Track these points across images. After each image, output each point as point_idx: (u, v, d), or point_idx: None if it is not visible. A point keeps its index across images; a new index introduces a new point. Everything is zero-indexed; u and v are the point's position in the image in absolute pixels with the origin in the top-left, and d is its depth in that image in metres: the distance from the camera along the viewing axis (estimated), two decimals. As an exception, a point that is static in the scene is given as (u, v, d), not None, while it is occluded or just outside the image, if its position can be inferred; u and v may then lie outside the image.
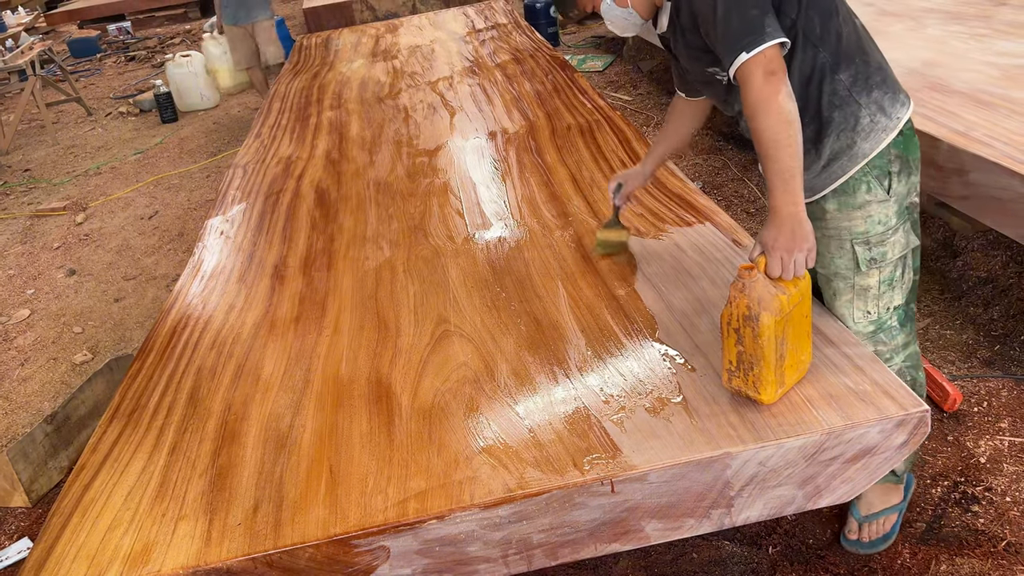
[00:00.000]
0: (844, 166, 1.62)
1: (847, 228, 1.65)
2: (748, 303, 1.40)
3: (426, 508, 1.37)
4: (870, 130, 1.60)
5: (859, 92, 1.60)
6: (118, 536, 1.44)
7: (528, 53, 4.46)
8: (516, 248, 2.22)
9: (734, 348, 1.44)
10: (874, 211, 1.63)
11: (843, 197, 1.63)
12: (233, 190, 3.10)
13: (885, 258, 1.65)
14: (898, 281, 1.69)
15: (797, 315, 1.46)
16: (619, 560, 1.97)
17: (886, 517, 1.90)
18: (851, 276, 1.67)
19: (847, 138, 1.60)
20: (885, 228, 1.63)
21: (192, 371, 1.91)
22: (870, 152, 1.60)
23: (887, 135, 1.60)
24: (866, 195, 1.62)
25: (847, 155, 1.61)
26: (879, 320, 1.71)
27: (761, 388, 1.43)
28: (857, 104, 1.60)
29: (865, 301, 1.69)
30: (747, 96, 1.47)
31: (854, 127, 1.60)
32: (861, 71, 1.61)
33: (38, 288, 4.18)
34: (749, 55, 1.45)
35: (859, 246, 1.65)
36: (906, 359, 1.76)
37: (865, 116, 1.60)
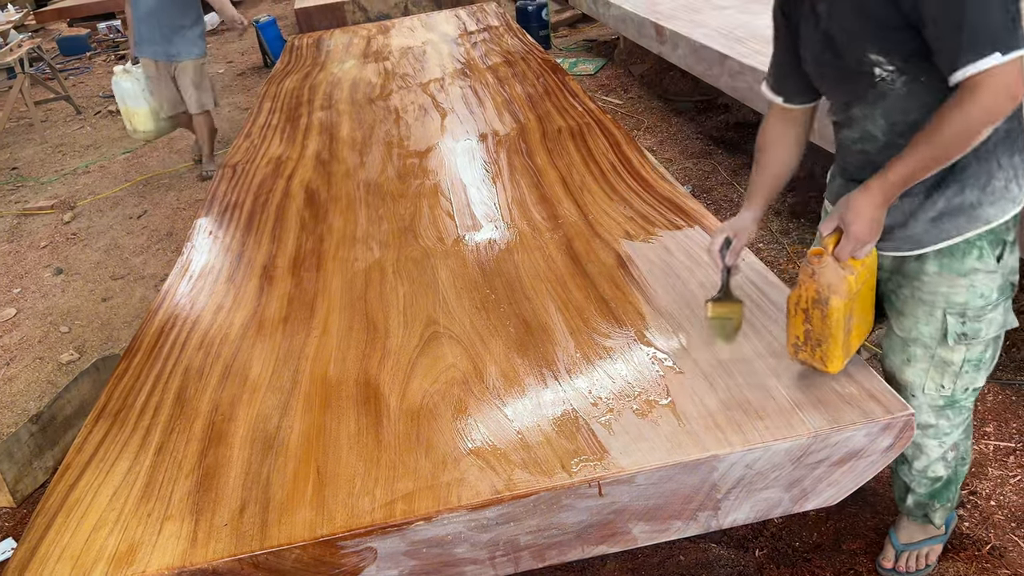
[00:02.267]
0: (959, 226, 1.43)
1: (944, 295, 1.48)
2: (818, 288, 1.42)
3: (413, 509, 1.37)
4: (1000, 195, 1.41)
5: (1004, 150, 1.40)
6: (103, 536, 1.43)
7: (520, 56, 4.47)
8: (506, 250, 2.22)
9: (802, 327, 1.47)
10: (979, 281, 1.46)
11: (948, 260, 1.46)
12: (222, 189, 3.09)
13: (979, 335, 1.49)
14: (986, 363, 1.54)
15: (865, 290, 1.47)
16: (606, 562, 1.98)
17: (929, 548, 1.83)
18: (934, 347, 1.52)
19: (972, 196, 1.41)
20: (985, 303, 1.47)
21: (179, 371, 1.90)
22: (993, 219, 1.42)
23: (1014, 206, 1.43)
24: (976, 262, 1.45)
25: (966, 215, 1.42)
26: (953, 397, 1.57)
27: (828, 362, 1.46)
28: (997, 163, 1.40)
29: (942, 375, 1.55)
30: (965, 102, 1.23)
31: (984, 187, 1.40)
32: (1015, 129, 1.41)
33: (24, 287, 4.15)
34: (1005, 59, 1.19)
35: (952, 317, 1.48)
36: (962, 432, 1.65)
37: (1000, 179, 1.40)
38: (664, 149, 4.62)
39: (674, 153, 4.54)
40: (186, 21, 4.82)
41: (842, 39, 1.39)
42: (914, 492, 1.74)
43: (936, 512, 1.76)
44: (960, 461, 1.69)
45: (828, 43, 1.43)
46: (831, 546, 1.95)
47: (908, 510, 1.79)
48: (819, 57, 1.47)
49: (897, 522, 1.87)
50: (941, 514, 1.77)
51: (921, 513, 1.78)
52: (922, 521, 1.80)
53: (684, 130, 4.84)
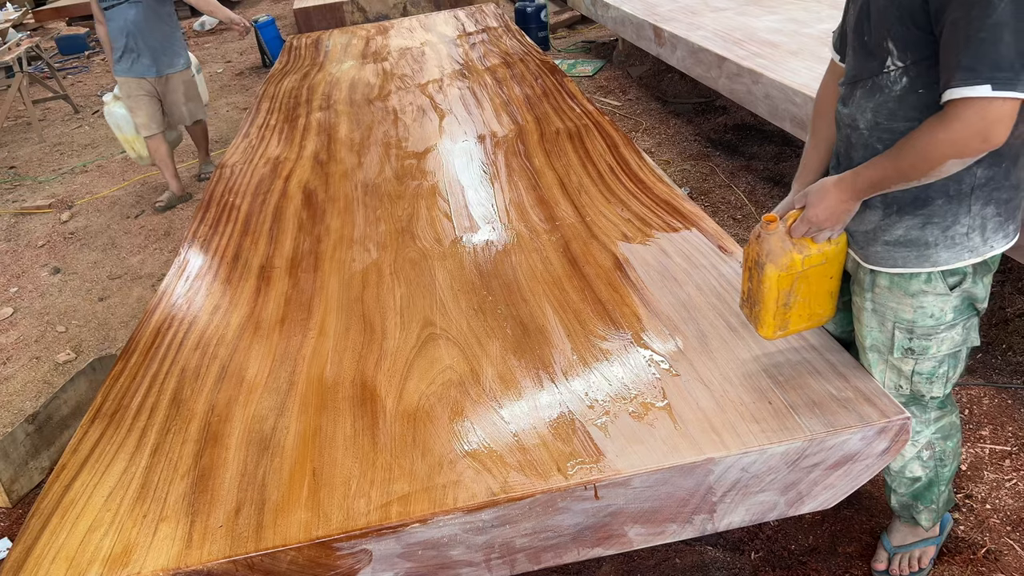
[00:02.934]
0: (908, 260, 1.42)
1: (893, 310, 1.48)
2: (759, 251, 1.47)
3: (409, 511, 1.37)
4: (957, 243, 1.38)
5: (979, 198, 1.34)
6: (98, 537, 1.43)
7: (518, 57, 4.47)
8: (503, 252, 2.22)
9: (746, 283, 1.54)
10: (928, 303, 1.44)
11: (898, 279, 1.46)
12: (220, 190, 3.08)
13: (926, 352, 1.48)
14: (940, 377, 1.52)
15: (815, 275, 1.49)
16: (602, 565, 1.98)
17: (921, 551, 1.82)
18: (886, 354, 1.53)
19: (931, 234, 1.38)
20: (936, 323, 1.45)
21: (176, 372, 1.90)
22: (943, 264, 1.40)
23: (970, 257, 1.39)
24: (923, 286, 1.43)
25: (918, 251, 1.40)
26: (912, 397, 1.57)
27: (759, 325, 1.53)
28: (967, 209, 1.35)
29: (898, 376, 1.55)
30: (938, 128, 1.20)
31: (945, 229, 1.37)
32: (996, 178, 1.34)
33: (21, 286, 4.14)
34: (994, 94, 1.13)
35: (900, 332, 1.48)
36: (937, 431, 1.64)
37: (963, 225, 1.36)
38: (662, 151, 4.62)
39: (672, 155, 4.54)
40: (170, 31, 4.57)
41: (874, 16, 1.36)
42: (896, 492, 1.76)
43: (921, 514, 1.76)
44: (939, 463, 1.69)
45: (865, 16, 1.39)
46: (826, 549, 1.95)
47: (896, 510, 1.81)
48: (855, 26, 1.44)
49: (890, 524, 1.88)
50: (927, 516, 1.77)
51: (908, 515, 1.79)
52: (911, 522, 1.81)
53: (682, 132, 4.84)
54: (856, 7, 1.44)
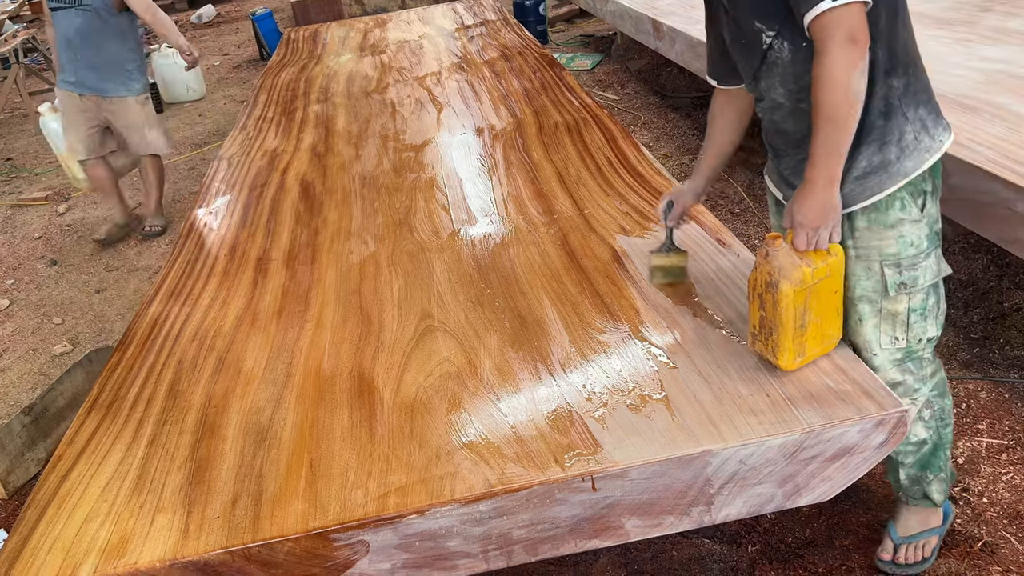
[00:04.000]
0: (882, 183, 1.50)
1: (877, 248, 1.54)
2: (770, 271, 1.45)
3: (406, 503, 1.37)
4: (914, 148, 1.49)
5: (907, 104, 1.48)
6: (94, 528, 1.42)
7: (516, 50, 4.46)
8: (501, 244, 2.22)
9: (757, 313, 1.51)
10: (907, 231, 1.52)
11: (875, 214, 1.53)
12: (217, 182, 3.08)
13: (916, 283, 1.55)
14: (931, 311, 1.59)
15: (823, 289, 1.48)
16: (599, 557, 1.98)
17: (925, 540, 1.84)
18: (878, 300, 1.57)
19: (890, 152, 1.49)
20: (917, 251, 1.54)
21: (172, 363, 1.89)
22: (911, 171, 1.49)
23: (929, 156, 1.50)
24: (900, 213, 1.52)
25: (887, 171, 1.50)
26: (909, 348, 1.61)
27: (779, 353, 1.49)
28: (904, 117, 1.48)
29: (893, 327, 1.59)
30: (820, 59, 1.34)
31: (898, 141, 1.48)
32: (912, 83, 1.49)
33: (18, 278, 4.13)
34: (836, 3, 1.30)
35: (889, 268, 1.54)
36: (932, 388, 1.67)
37: (910, 132, 1.49)
38: (660, 145, 4.62)
39: (670, 149, 4.53)
40: (123, 48, 3.93)
41: (736, 13, 1.54)
42: (904, 465, 1.75)
43: (931, 485, 1.76)
44: (940, 423, 1.70)
45: (733, 25, 1.57)
46: (824, 542, 1.96)
47: (906, 491, 1.79)
48: (731, 37, 1.61)
49: (896, 514, 1.87)
50: (937, 487, 1.76)
51: (919, 492, 1.77)
52: (922, 503, 1.79)
53: (680, 126, 4.83)
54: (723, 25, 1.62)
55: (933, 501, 1.79)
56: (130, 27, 3.94)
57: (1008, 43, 3.00)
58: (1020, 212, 1.97)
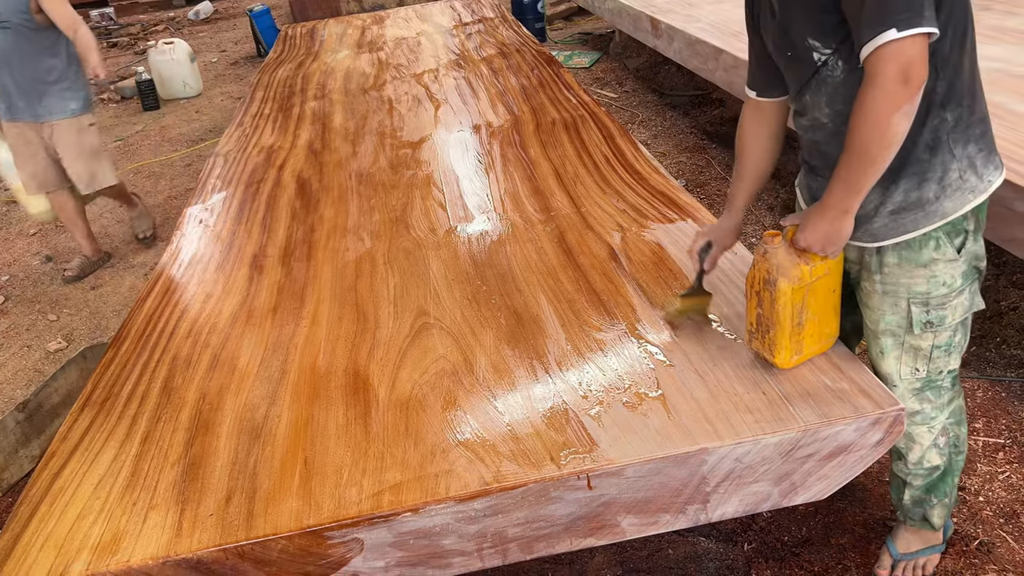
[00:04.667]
0: (917, 221, 1.43)
1: (906, 286, 1.48)
2: (768, 268, 1.45)
3: (401, 501, 1.36)
4: (956, 188, 1.40)
5: (956, 140, 1.39)
6: (87, 525, 1.41)
7: (514, 48, 4.45)
8: (498, 242, 2.21)
9: (755, 310, 1.51)
10: (940, 271, 1.46)
11: (907, 252, 1.46)
12: (213, 179, 3.07)
13: (943, 322, 1.49)
14: (956, 347, 1.54)
15: (821, 288, 1.48)
16: (594, 555, 1.97)
17: (927, 558, 1.82)
18: (902, 335, 1.53)
19: (929, 190, 1.41)
20: (949, 290, 1.47)
21: (167, 360, 1.88)
22: (951, 213, 1.41)
23: (973, 197, 1.41)
24: (934, 253, 1.44)
25: (923, 210, 1.42)
26: (929, 378, 1.57)
27: (776, 351, 1.49)
28: (951, 154, 1.39)
29: (915, 359, 1.55)
30: (865, 90, 1.25)
31: (940, 179, 1.40)
32: (965, 117, 1.39)
33: (13, 274, 4.11)
34: (900, 35, 1.19)
35: (916, 306, 1.49)
36: (950, 415, 1.63)
37: (955, 171, 1.40)
38: (658, 143, 4.61)
39: (668, 147, 4.53)
40: (53, 66, 3.52)
41: (789, 25, 1.44)
42: (911, 486, 1.73)
43: (934, 510, 1.74)
44: (954, 449, 1.68)
45: (783, 31, 1.47)
46: (820, 541, 1.95)
47: (906, 511, 1.77)
48: (776, 45, 1.51)
49: (895, 531, 1.85)
50: (939, 512, 1.75)
51: (919, 514, 1.76)
52: (920, 525, 1.78)
53: (678, 124, 4.83)
54: (770, 34, 1.51)
55: (932, 525, 1.77)
56: (58, 41, 3.52)
57: (1007, 42, 2.99)
58: (1018, 211, 1.97)
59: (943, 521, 1.77)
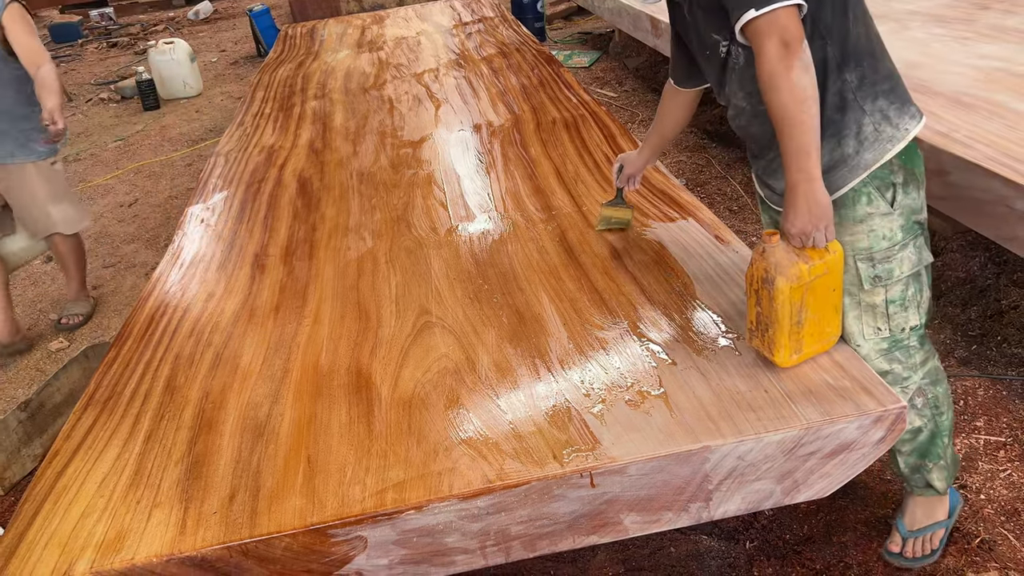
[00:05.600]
0: (844, 177, 1.52)
1: (848, 243, 1.55)
2: (766, 267, 1.45)
3: (404, 498, 1.36)
4: (874, 139, 1.50)
5: (864, 97, 1.49)
6: (91, 523, 1.42)
7: (514, 47, 4.45)
8: (499, 241, 2.21)
9: (754, 309, 1.51)
10: (877, 225, 1.53)
11: (842, 210, 1.54)
12: (214, 178, 3.07)
13: (892, 275, 1.55)
14: (911, 300, 1.59)
15: (821, 287, 1.48)
16: (597, 553, 1.98)
17: (933, 533, 1.84)
18: (856, 292, 1.58)
19: (848, 146, 1.50)
20: (891, 244, 1.54)
21: (169, 359, 1.89)
22: (872, 163, 1.50)
23: (892, 146, 1.50)
24: (867, 207, 1.53)
25: (847, 165, 1.51)
26: (893, 337, 1.61)
27: (775, 350, 1.49)
28: (861, 110, 1.49)
29: (874, 317, 1.59)
30: (760, 67, 1.36)
31: (856, 134, 1.50)
32: (868, 76, 1.50)
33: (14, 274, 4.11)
34: (758, 12, 1.33)
35: (862, 262, 1.55)
36: (924, 376, 1.66)
37: (868, 124, 1.50)
38: (658, 142, 4.61)
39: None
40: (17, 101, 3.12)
41: (698, 24, 1.58)
42: (901, 453, 1.75)
43: (932, 474, 1.75)
44: (936, 410, 1.69)
45: (696, 31, 1.62)
46: (821, 538, 1.96)
47: (908, 480, 1.79)
48: (697, 48, 1.65)
49: (902, 507, 1.86)
50: (938, 475, 1.75)
51: (921, 480, 1.77)
52: (924, 491, 1.79)
53: (679, 124, 4.83)
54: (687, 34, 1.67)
55: (936, 489, 1.78)
56: (19, 76, 3.09)
57: (1007, 41, 3.00)
58: (1018, 209, 1.97)
59: (945, 484, 1.79)
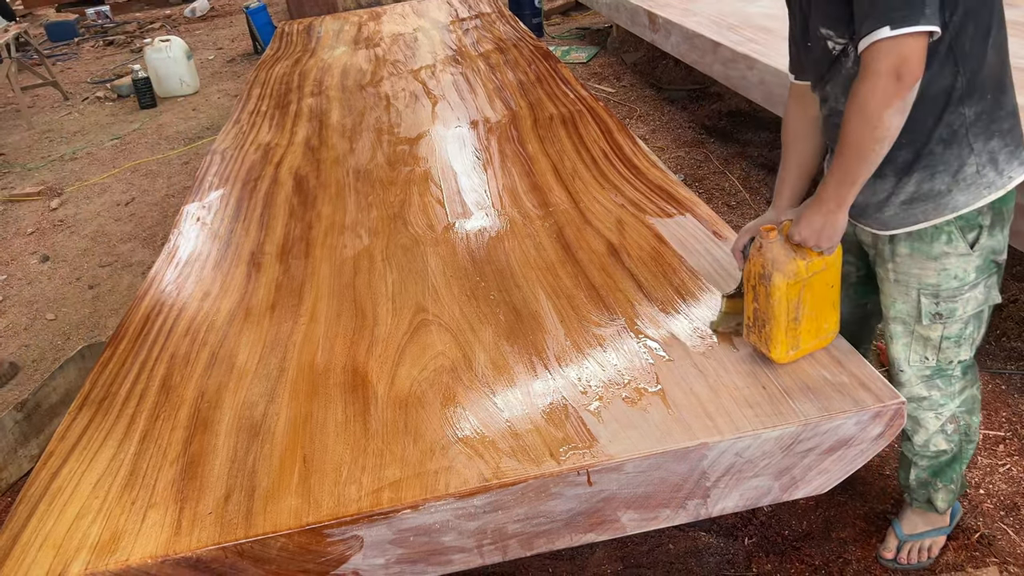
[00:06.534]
0: (927, 212, 1.43)
1: (916, 276, 1.50)
2: (763, 263, 1.45)
3: (400, 497, 1.36)
4: (972, 182, 1.39)
5: (976, 135, 1.38)
6: (86, 524, 1.41)
7: (512, 43, 4.44)
8: (496, 238, 2.20)
9: (751, 304, 1.50)
10: (951, 264, 1.46)
11: (918, 243, 1.47)
12: (210, 176, 3.06)
13: (953, 315, 1.50)
14: (967, 339, 1.54)
15: (818, 283, 1.47)
16: (595, 551, 1.97)
17: (932, 540, 1.82)
18: (911, 324, 1.55)
19: (940, 182, 1.40)
20: (960, 284, 1.47)
21: (165, 358, 1.88)
22: (963, 207, 1.41)
23: (989, 193, 1.40)
24: (945, 246, 1.45)
25: (933, 202, 1.42)
26: (938, 367, 1.58)
27: (772, 346, 1.48)
28: (970, 147, 1.38)
29: (924, 348, 1.56)
30: (860, 86, 1.26)
31: (955, 173, 1.39)
32: (988, 111, 1.38)
33: (10, 274, 4.10)
34: (894, 32, 1.20)
35: (926, 298, 1.50)
36: (960, 404, 1.64)
37: (972, 165, 1.39)
38: (656, 138, 4.60)
39: (666, 142, 4.52)
40: None
41: (808, 13, 1.47)
42: (916, 466, 1.73)
43: (938, 493, 1.74)
44: (965, 438, 1.68)
45: (802, 24, 1.51)
46: (820, 534, 1.95)
47: (911, 491, 1.78)
48: (800, 39, 1.55)
49: (901, 512, 1.86)
50: (943, 496, 1.75)
51: (924, 496, 1.76)
52: (924, 506, 1.78)
53: (676, 119, 4.82)
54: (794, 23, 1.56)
55: (936, 508, 1.77)
56: None
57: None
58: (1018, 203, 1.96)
59: (947, 506, 1.78)
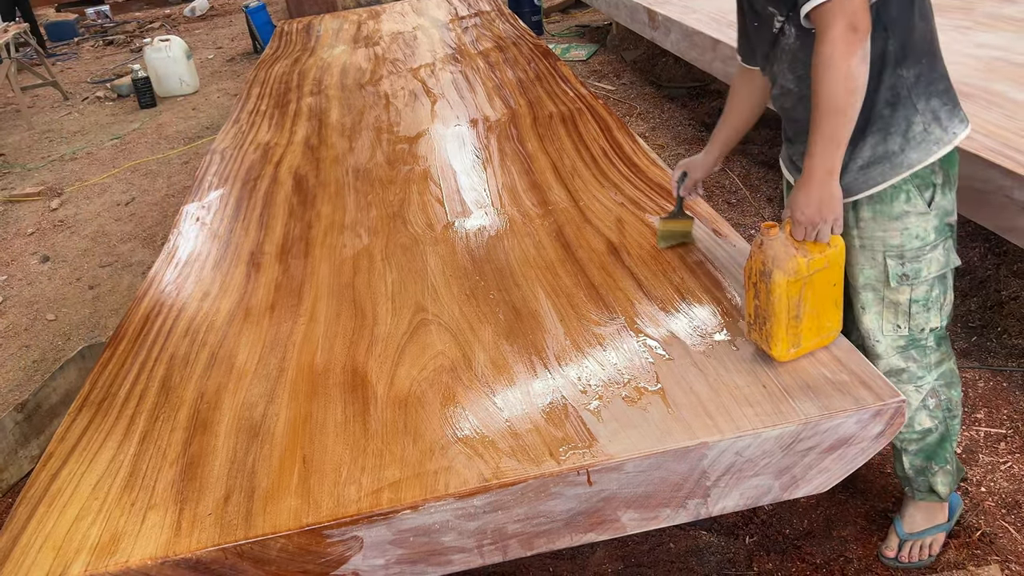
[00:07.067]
0: (885, 173, 1.51)
1: (880, 239, 1.56)
2: (764, 260, 1.44)
3: (400, 498, 1.35)
4: (921, 139, 1.48)
5: (918, 95, 1.48)
6: (86, 526, 1.41)
7: (511, 41, 4.43)
8: (496, 237, 2.20)
9: (752, 302, 1.50)
10: (912, 224, 1.53)
11: (879, 205, 1.54)
12: (210, 176, 3.05)
13: (919, 275, 1.56)
14: (935, 302, 1.59)
15: (820, 281, 1.47)
16: (596, 550, 1.97)
17: (933, 538, 1.82)
18: (880, 289, 1.59)
19: (893, 143, 1.49)
20: (922, 243, 1.54)
21: (164, 359, 1.88)
22: (916, 163, 1.49)
23: (938, 148, 1.49)
24: (905, 205, 1.52)
25: (890, 161, 1.50)
26: (911, 336, 1.62)
27: (773, 344, 1.48)
28: (914, 107, 1.48)
29: (895, 315, 1.60)
30: (820, 47, 1.34)
31: (905, 132, 1.48)
32: (925, 74, 1.48)
33: (10, 275, 4.10)
34: None
35: (891, 260, 1.56)
36: (939, 377, 1.67)
37: (919, 123, 1.48)
38: (656, 135, 4.60)
39: (666, 139, 4.51)
40: None
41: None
42: (907, 453, 1.73)
43: (936, 477, 1.74)
44: (948, 413, 1.69)
45: (748, 4, 1.59)
46: (821, 533, 1.95)
47: (911, 482, 1.77)
48: (750, 19, 1.63)
49: (902, 509, 1.85)
50: (942, 480, 1.74)
51: (924, 484, 1.76)
52: (927, 496, 1.78)
53: (676, 116, 4.81)
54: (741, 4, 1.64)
55: (938, 495, 1.77)
56: None
57: (1005, 30, 2.98)
58: (1018, 200, 1.96)
59: (948, 489, 1.77)
